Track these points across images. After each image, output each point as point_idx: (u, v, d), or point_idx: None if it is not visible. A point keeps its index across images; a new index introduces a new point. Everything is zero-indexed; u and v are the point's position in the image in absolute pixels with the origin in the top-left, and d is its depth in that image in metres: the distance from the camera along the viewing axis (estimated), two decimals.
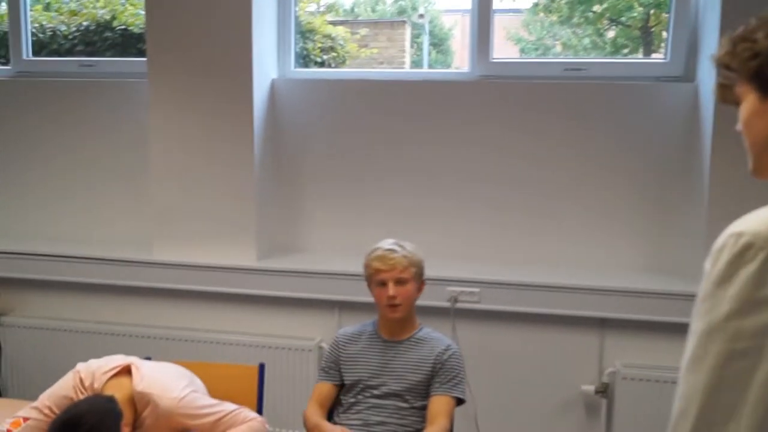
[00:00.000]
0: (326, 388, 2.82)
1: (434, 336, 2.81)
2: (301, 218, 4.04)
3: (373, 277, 2.76)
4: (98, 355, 2.48)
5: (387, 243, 2.80)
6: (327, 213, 4.02)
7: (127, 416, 2.27)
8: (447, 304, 3.66)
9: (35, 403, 2.40)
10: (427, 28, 8.13)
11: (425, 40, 8.01)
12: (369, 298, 3.63)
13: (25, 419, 2.36)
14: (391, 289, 2.70)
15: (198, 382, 2.59)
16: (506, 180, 3.77)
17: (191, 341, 3.89)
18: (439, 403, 2.66)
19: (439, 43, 8.88)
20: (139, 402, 2.35)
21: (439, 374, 2.69)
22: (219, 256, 3.88)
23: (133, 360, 2.46)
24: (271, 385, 3.23)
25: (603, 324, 3.59)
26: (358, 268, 3.74)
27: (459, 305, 3.66)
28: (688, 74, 3.57)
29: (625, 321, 3.54)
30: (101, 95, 4.16)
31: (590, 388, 3.61)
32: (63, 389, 2.41)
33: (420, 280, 2.79)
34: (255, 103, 3.77)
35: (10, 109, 4.29)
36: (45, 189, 4.32)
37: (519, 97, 3.72)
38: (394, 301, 2.70)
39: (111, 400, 2.22)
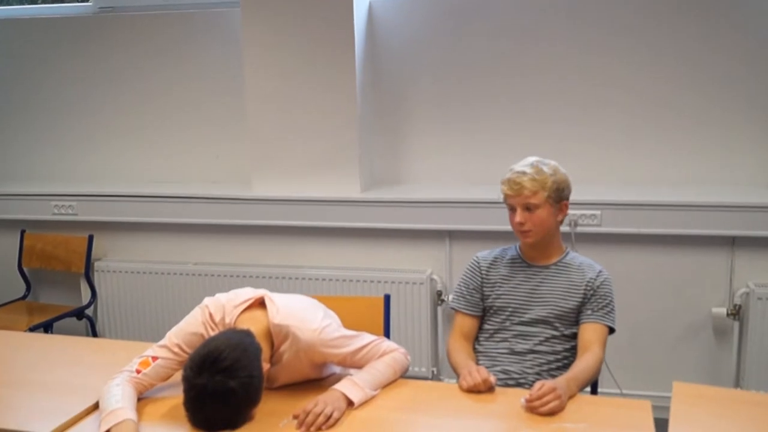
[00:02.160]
0: (468, 322, 2.61)
1: (584, 261, 2.58)
2: (405, 147, 3.88)
3: (505, 201, 2.54)
4: (199, 299, 2.31)
5: (522, 164, 2.53)
6: (431, 140, 3.84)
7: (265, 351, 2.10)
8: (566, 229, 3.48)
9: (163, 342, 2.23)
10: None
11: None
12: (480, 226, 3.54)
13: (154, 358, 2.19)
14: (519, 215, 2.48)
15: (332, 314, 2.42)
16: (622, 97, 3.57)
17: (297, 278, 3.77)
18: (592, 331, 2.45)
19: None
20: (276, 335, 2.18)
21: (591, 301, 2.48)
22: (321, 189, 3.74)
23: (265, 292, 2.28)
24: None
25: (733, 243, 3.42)
26: (467, 195, 3.62)
27: (579, 229, 3.50)
28: None
29: (757, 238, 3.37)
30: (189, 27, 3.98)
31: (721, 310, 3.45)
32: (192, 326, 2.23)
33: (558, 203, 2.51)
34: (356, 26, 3.58)
35: (94, 48, 4.14)
36: (135, 129, 4.19)
37: (630, 8, 3.49)
38: (523, 227, 2.49)
39: (248, 333, 2.06)
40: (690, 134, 3.55)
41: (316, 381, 2.32)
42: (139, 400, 2.16)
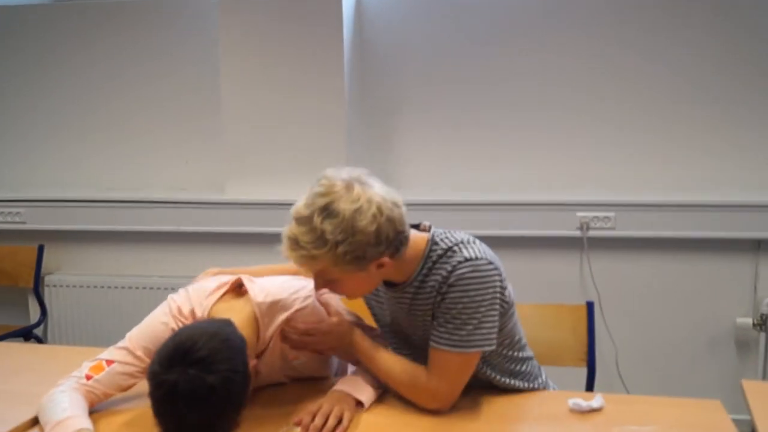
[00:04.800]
0: None
1: (440, 260, 1.76)
2: (393, 149, 3.53)
3: None
4: None
5: (302, 207, 1.69)
6: (420, 145, 3.51)
7: (250, 343, 1.72)
8: (577, 233, 3.20)
9: (122, 343, 1.82)
10: None
11: None
12: (476, 230, 3.19)
13: (109, 362, 1.78)
14: (316, 284, 1.76)
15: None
16: (637, 96, 3.27)
17: None
18: (432, 359, 1.77)
19: None
20: (262, 317, 1.80)
21: (435, 317, 1.77)
22: (302, 193, 3.36)
23: (241, 275, 1.90)
24: None
25: (759, 247, 3.13)
26: (458, 197, 3.32)
27: (591, 233, 3.20)
28: None
29: None
30: (157, 17, 3.61)
31: (747, 320, 3.15)
32: (158, 323, 1.83)
33: (367, 266, 1.69)
34: (344, 18, 3.26)
35: (50, 41, 3.74)
36: (94, 130, 3.76)
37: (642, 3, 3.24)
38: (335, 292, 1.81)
39: (228, 323, 1.69)
40: (711, 134, 3.25)
41: (315, 385, 1.94)
42: (90, 413, 1.73)
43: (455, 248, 1.75)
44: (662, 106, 3.26)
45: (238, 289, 1.88)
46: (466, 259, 1.72)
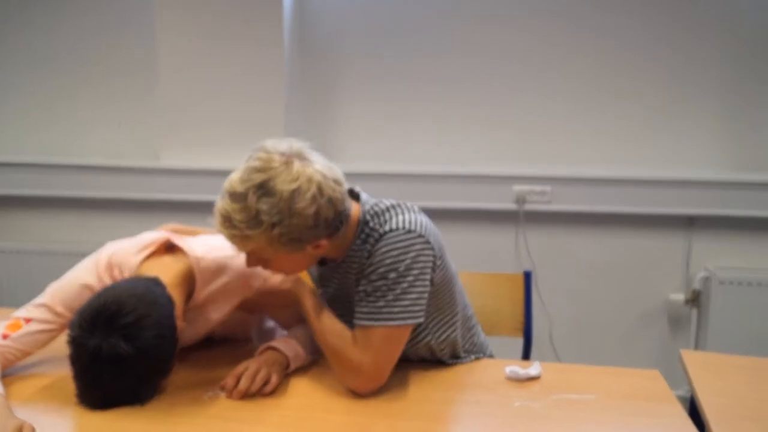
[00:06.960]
0: None
1: (373, 232, 1.69)
2: (332, 121, 3.46)
3: None
4: None
5: (237, 182, 1.59)
6: (360, 115, 3.43)
7: (178, 305, 1.65)
8: (513, 206, 3.20)
9: (41, 299, 1.74)
10: None
11: None
12: (413, 201, 3.16)
13: (27, 320, 1.71)
14: (249, 261, 1.68)
15: None
16: (576, 72, 3.26)
17: None
18: (356, 337, 1.68)
19: None
20: (201, 275, 1.73)
21: (357, 292, 1.70)
22: (241, 160, 3.28)
23: (169, 234, 1.81)
24: None
25: (691, 223, 3.19)
26: (395, 168, 3.29)
27: (527, 207, 3.20)
28: None
29: (717, 218, 3.16)
30: None
31: (679, 296, 3.21)
32: (82, 278, 1.76)
33: (303, 247, 1.62)
34: None
35: None
36: (27, 89, 3.58)
37: None
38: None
39: (157, 282, 1.62)
40: (651, 113, 3.25)
41: (241, 348, 1.92)
42: (3, 377, 1.65)
43: (382, 227, 1.67)
44: (599, 80, 3.25)
45: (169, 249, 1.79)
46: (388, 231, 1.65)
